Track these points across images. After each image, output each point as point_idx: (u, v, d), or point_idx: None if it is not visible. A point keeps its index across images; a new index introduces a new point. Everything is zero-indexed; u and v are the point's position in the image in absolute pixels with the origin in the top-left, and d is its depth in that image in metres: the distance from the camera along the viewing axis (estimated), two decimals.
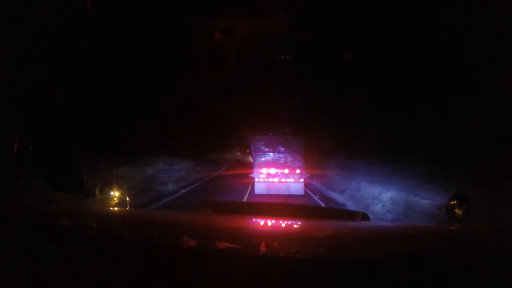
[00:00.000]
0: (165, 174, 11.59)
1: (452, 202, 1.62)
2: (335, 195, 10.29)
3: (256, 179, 9.91)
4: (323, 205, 7.96)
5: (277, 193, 9.55)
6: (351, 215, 2.32)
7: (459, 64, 4.86)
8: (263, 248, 0.92)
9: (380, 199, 8.23)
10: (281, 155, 10.26)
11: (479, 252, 1.00)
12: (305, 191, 10.19)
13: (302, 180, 9.93)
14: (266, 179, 9.86)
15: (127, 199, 1.80)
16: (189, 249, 0.96)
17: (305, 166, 10.28)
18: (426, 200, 6.49)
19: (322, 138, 13.20)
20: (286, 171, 9.84)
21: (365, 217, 1.89)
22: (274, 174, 9.85)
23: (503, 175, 4.77)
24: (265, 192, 9.63)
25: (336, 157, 12.56)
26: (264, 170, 9.90)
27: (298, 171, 9.88)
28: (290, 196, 9.40)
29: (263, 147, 10.44)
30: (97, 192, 1.73)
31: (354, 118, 10.31)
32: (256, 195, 9.50)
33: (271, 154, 10.31)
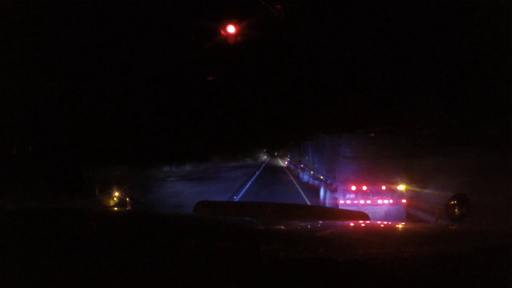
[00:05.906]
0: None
1: (452, 202, 1.62)
2: None
3: (341, 201, 7.03)
4: None
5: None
6: (351, 215, 2.32)
7: None
8: (262, 248, 0.92)
9: None
10: (375, 163, 7.10)
11: (479, 252, 1.00)
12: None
13: (404, 200, 6.94)
14: (355, 201, 6.92)
15: (127, 199, 1.80)
16: (189, 249, 0.96)
17: (408, 179, 7.13)
18: None
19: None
20: (383, 187, 6.92)
21: (364, 217, 1.89)
22: (367, 192, 6.91)
23: None
24: None
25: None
26: (353, 187, 6.96)
27: (399, 187, 6.94)
28: None
29: (349, 152, 7.41)
30: (96, 192, 1.72)
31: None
32: None
33: (362, 162, 7.18)
